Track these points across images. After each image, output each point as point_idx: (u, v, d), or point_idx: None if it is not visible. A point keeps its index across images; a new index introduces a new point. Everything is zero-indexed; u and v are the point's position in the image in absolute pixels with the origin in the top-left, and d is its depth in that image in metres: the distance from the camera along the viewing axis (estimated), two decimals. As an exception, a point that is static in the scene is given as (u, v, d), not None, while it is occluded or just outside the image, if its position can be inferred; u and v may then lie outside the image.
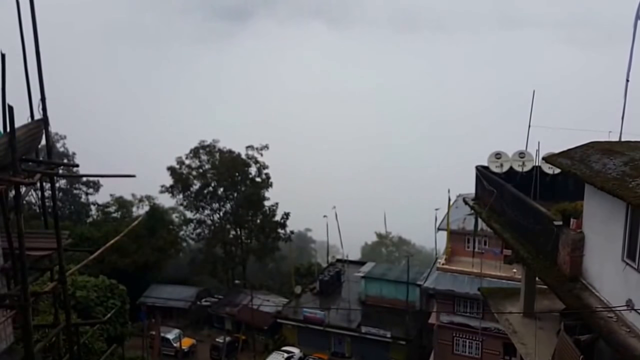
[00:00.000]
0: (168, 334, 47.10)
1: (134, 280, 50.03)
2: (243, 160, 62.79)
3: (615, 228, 11.01)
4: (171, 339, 45.85)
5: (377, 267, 53.10)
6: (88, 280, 28.59)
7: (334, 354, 46.61)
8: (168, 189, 62.11)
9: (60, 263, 9.13)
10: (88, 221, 66.15)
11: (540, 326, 16.59)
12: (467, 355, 38.24)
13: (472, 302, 37.21)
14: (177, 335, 47.47)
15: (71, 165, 15.00)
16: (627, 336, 10.51)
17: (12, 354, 8.28)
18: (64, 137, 64.56)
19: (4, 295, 8.05)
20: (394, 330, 43.63)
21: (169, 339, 46.08)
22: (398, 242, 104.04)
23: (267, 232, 63.52)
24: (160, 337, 46.87)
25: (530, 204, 14.90)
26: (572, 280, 12.72)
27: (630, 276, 10.65)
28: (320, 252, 71.90)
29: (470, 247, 38.86)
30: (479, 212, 18.90)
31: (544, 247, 13.92)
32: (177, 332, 48.52)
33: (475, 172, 18.95)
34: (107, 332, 27.44)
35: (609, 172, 10.73)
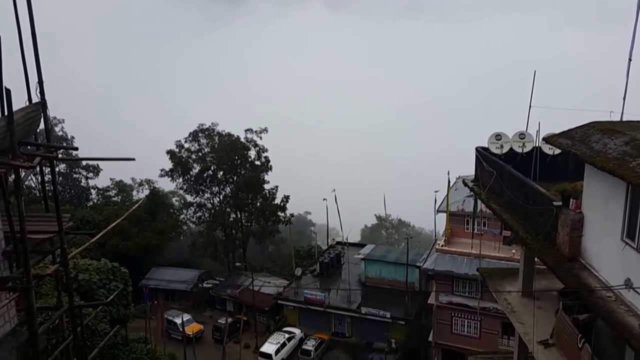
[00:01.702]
0: (176, 317, 46.87)
1: (136, 263, 50.41)
2: (242, 143, 62.71)
3: (615, 208, 11.03)
4: (178, 324, 45.47)
5: (377, 249, 53.37)
6: (90, 264, 28.76)
7: (334, 334, 47.08)
8: (168, 172, 62.13)
9: (61, 246, 9.16)
10: (89, 205, 66.35)
11: (538, 306, 16.72)
12: (466, 335, 38.59)
13: (470, 283, 37.45)
14: (185, 320, 46.93)
15: (70, 149, 14.98)
16: (625, 315, 10.58)
17: (16, 335, 8.36)
18: (62, 121, 64.48)
19: (6, 278, 8.09)
20: (394, 311, 44.04)
21: (176, 323, 45.85)
22: (397, 225, 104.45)
23: (267, 215, 63.69)
24: (168, 320, 47.25)
25: (529, 184, 14.90)
26: (571, 260, 12.78)
27: (630, 256, 10.69)
28: (320, 235, 72.16)
29: (470, 228, 38.97)
30: (478, 193, 18.92)
31: (543, 228, 13.96)
32: (186, 317, 48.25)
33: (475, 154, 18.93)
34: (110, 314, 27.69)
35: (609, 152, 10.71)
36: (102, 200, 68.27)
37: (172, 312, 48.37)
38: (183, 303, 56.18)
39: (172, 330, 45.78)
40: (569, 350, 14.43)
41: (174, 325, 45.93)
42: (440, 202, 41.38)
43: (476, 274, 30.36)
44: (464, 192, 37.07)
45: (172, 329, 46.15)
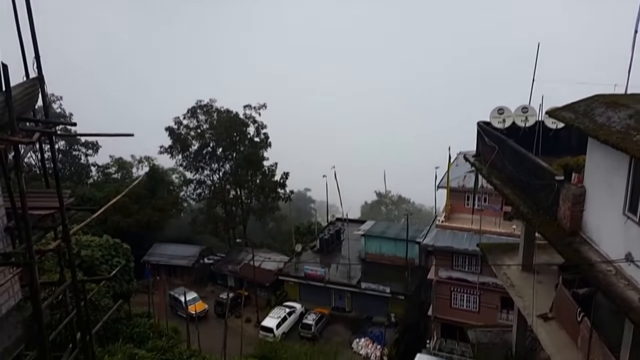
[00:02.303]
0: (182, 295, 46.03)
1: (137, 240, 50.64)
2: (241, 119, 62.47)
3: (617, 182, 10.98)
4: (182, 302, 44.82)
5: (377, 225, 53.58)
6: (92, 240, 28.90)
7: (334, 308, 47.58)
8: (167, 149, 62.03)
9: (63, 222, 9.14)
10: (89, 182, 66.40)
11: (538, 280, 16.79)
12: (465, 309, 38.98)
13: (470, 258, 37.68)
14: (191, 298, 46.78)
15: (69, 125, 14.95)
16: (625, 289, 10.61)
17: (21, 310, 8.41)
18: (60, 98, 64.06)
19: (9, 254, 8.10)
20: (393, 286, 44.42)
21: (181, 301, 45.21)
22: (397, 201, 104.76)
23: (267, 192, 63.80)
24: (174, 297, 47.45)
25: (531, 159, 14.83)
26: (572, 234, 12.78)
27: (631, 230, 10.68)
28: (320, 212, 72.42)
29: (470, 204, 39.03)
30: (479, 168, 18.86)
31: (544, 202, 13.95)
32: (192, 295, 48.23)
33: (476, 128, 18.82)
34: (113, 289, 27.92)
35: (613, 125, 10.61)
36: (102, 178, 68.33)
37: (178, 289, 48.37)
38: (185, 278, 56.64)
39: (178, 308, 45.96)
40: (568, 323, 14.56)
41: (180, 302, 45.85)
42: (440, 178, 41.40)
43: (476, 250, 30.51)
44: (465, 168, 37.07)
45: (178, 307, 46.25)
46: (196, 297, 48.31)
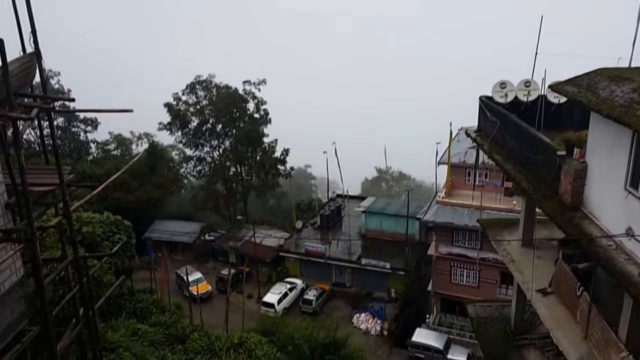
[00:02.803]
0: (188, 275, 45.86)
1: (138, 217, 50.78)
2: (240, 95, 62.04)
3: (619, 157, 10.94)
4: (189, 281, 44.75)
5: (377, 201, 53.67)
6: (93, 217, 28.91)
7: (335, 284, 47.96)
8: (166, 126, 61.79)
9: (63, 198, 9.12)
10: (88, 159, 66.29)
11: (538, 255, 16.86)
12: (465, 284, 39.29)
13: (470, 234, 37.83)
14: (196, 279, 46.77)
15: (67, 100, 14.89)
16: (625, 263, 10.66)
17: (23, 286, 8.45)
18: (58, 74, 63.53)
19: (10, 230, 8.09)
20: (394, 262, 44.69)
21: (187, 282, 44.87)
22: (398, 177, 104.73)
23: (267, 169, 63.75)
24: (180, 276, 47.41)
25: (533, 134, 14.75)
26: (573, 209, 12.79)
27: (632, 205, 10.68)
28: (321, 188, 72.35)
29: (471, 180, 39.04)
30: (480, 144, 18.78)
31: (545, 178, 13.92)
32: (197, 275, 48.14)
33: (478, 103, 18.68)
34: (115, 265, 28.03)
35: (616, 99, 10.52)
36: (102, 154, 68.19)
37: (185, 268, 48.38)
38: (186, 255, 57.00)
39: (184, 287, 45.62)
40: (568, 298, 14.66)
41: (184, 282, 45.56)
42: (441, 154, 41.31)
43: (476, 226, 30.57)
44: (466, 143, 36.97)
45: (184, 286, 45.90)
46: (201, 278, 48.13)
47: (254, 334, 28.20)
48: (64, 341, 9.15)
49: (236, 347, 26.21)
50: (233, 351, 25.81)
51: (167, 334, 27.15)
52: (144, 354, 23.41)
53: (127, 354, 22.71)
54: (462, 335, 38.86)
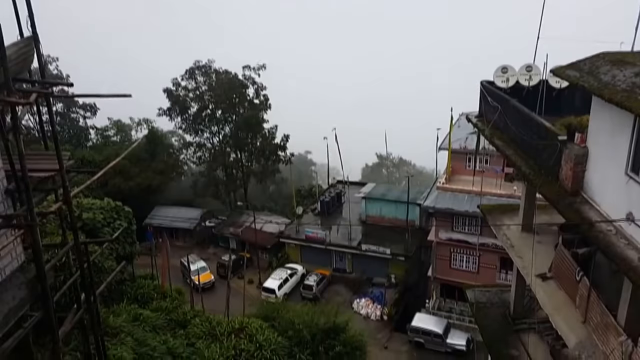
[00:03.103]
0: (192, 263, 45.83)
1: (139, 203, 50.80)
2: (240, 81, 61.75)
3: (620, 141, 10.90)
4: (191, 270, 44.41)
5: (378, 187, 53.67)
6: (93, 203, 28.92)
7: (335, 270, 48.15)
8: (165, 111, 61.60)
9: (63, 184, 9.10)
10: (88, 145, 66.18)
11: (538, 240, 16.89)
12: (464, 270, 39.44)
13: (470, 220, 37.90)
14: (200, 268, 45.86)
15: (66, 85, 14.93)
16: (625, 248, 10.67)
17: (24, 272, 8.46)
18: (56, 59, 63.17)
19: (10, 216, 8.08)
20: (394, 248, 44.83)
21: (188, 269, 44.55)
22: (398, 163, 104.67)
23: (267, 155, 63.65)
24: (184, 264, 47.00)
25: (534, 119, 14.69)
26: (573, 194, 12.78)
27: (633, 190, 10.66)
28: (321, 174, 72.39)
29: (471, 166, 39.01)
30: (481, 129, 18.71)
31: (546, 163, 13.89)
32: (201, 264, 47.72)
33: (479, 88, 18.57)
34: (116, 251, 28.10)
35: (618, 83, 10.44)
36: (101, 140, 68.06)
37: (190, 257, 47.73)
38: (187, 241, 57.15)
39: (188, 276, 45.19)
40: (567, 283, 14.71)
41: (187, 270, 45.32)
42: (442, 139, 41.24)
43: (476, 211, 30.62)
44: (467, 129, 36.89)
45: (187, 275, 45.54)
46: (204, 267, 47.74)
47: (254, 319, 28.37)
48: (66, 326, 9.19)
49: (237, 332, 26.38)
50: (234, 336, 25.99)
51: (169, 319, 27.31)
52: (145, 338, 23.59)
53: (129, 339, 22.88)
54: (461, 320, 39.11)
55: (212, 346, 25.35)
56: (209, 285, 46.11)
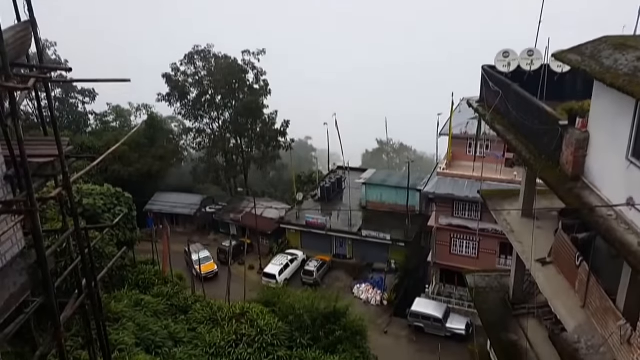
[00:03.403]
0: (195, 253, 45.05)
1: (139, 189, 50.78)
2: (240, 66, 61.40)
3: (621, 126, 10.85)
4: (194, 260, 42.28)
5: (378, 173, 53.66)
6: (94, 189, 28.95)
7: (336, 255, 48.32)
8: (165, 97, 61.32)
9: (63, 169, 9.08)
10: (87, 131, 66.03)
11: (538, 225, 16.93)
12: (464, 255, 39.54)
13: (470, 205, 37.92)
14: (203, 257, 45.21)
15: (64, 70, 14.74)
16: (625, 233, 10.68)
17: (24, 257, 8.47)
18: (54, 44, 62.74)
19: (10, 202, 8.07)
20: (394, 233, 44.94)
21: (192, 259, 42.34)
22: (399, 149, 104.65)
23: (268, 141, 63.51)
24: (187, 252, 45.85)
25: (536, 103, 14.63)
26: (574, 179, 12.77)
27: (633, 175, 10.65)
28: (321, 160, 72.35)
29: (472, 151, 38.93)
30: (482, 114, 18.66)
31: (547, 148, 13.86)
32: (204, 254, 47.26)
33: (481, 73, 18.48)
34: (117, 237, 28.19)
35: (620, 67, 10.37)
36: (101, 126, 67.87)
37: (194, 246, 46.93)
38: (187, 227, 57.28)
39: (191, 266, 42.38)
40: (566, 268, 14.77)
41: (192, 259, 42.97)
42: (443, 125, 41.13)
43: (476, 197, 30.66)
44: (468, 114, 36.70)
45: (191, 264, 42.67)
46: (208, 257, 47.21)
47: (255, 305, 28.53)
48: (67, 312, 9.23)
49: (238, 317, 26.55)
50: (235, 321, 26.16)
51: (170, 304, 27.47)
52: (147, 323, 23.76)
53: (131, 324, 23.05)
54: (461, 305, 39.33)
55: (214, 331, 25.54)
56: (212, 275, 45.65)
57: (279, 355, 24.92)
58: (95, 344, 10.42)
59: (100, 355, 10.88)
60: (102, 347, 10.51)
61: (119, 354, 20.31)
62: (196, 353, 23.70)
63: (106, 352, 10.35)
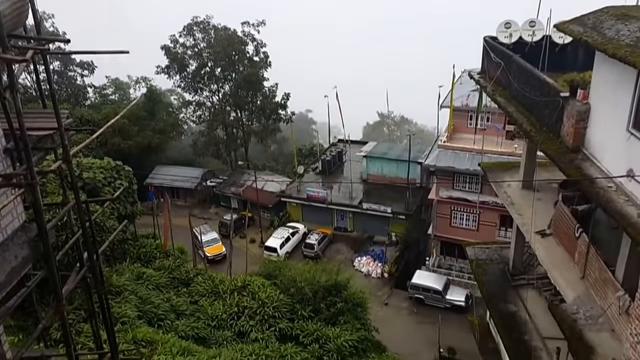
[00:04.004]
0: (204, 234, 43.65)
1: (139, 163, 50.88)
2: (239, 37, 60.67)
3: (622, 98, 10.78)
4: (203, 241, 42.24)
5: (379, 146, 53.55)
6: (94, 162, 29.01)
7: (336, 228, 48.56)
8: (164, 69, 60.75)
9: (62, 142, 9.04)
10: (86, 104, 65.71)
11: (538, 197, 16.98)
12: (464, 227, 39.72)
13: (471, 178, 37.93)
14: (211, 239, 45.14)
15: (62, 41, 14.66)
16: (625, 204, 10.71)
17: (25, 231, 8.50)
18: (52, 16, 62.00)
19: (10, 175, 8.05)
20: (395, 206, 45.07)
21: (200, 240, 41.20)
22: (400, 122, 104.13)
23: (268, 114, 63.17)
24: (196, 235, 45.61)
25: (537, 75, 14.51)
26: (574, 151, 12.75)
27: (634, 146, 10.62)
28: (322, 133, 72.17)
29: (473, 124, 38.77)
30: (483, 85, 18.53)
31: (548, 120, 13.80)
32: (212, 235, 46.16)
33: (482, 44, 18.29)
34: (118, 211, 28.35)
35: (622, 38, 10.25)
36: (100, 99, 67.51)
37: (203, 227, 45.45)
38: (188, 200, 57.44)
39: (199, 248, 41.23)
40: (566, 239, 14.85)
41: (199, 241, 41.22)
42: (444, 97, 40.86)
43: (477, 169, 30.65)
44: (469, 86, 36.46)
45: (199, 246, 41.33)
46: (216, 239, 46.12)
47: (257, 278, 28.83)
48: (69, 285, 9.29)
49: (240, 289, 26.87)
50: (237, 294, 26.48)
51: (172, 277, 27.77)
52: (149, 296, 24.08)
53: (133, 297, 23.35)
54: (460, 277, 39.70)
55: (216, 304, 25.88)
56: (219, 257, 44.49)
57: (280, 327, 25.29)
58: (97, 316, 10.53)
59: (103, 327, 11.01)
60: (104, 320, 10.61)
61: (121, 327, 20.64)
62: (198, 325, 24.06)
63: (108, 324, 10.45)
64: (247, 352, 22.44)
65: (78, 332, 19.37)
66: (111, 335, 10.41)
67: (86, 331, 18.96)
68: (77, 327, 19.69)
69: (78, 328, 19.71)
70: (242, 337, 24.42)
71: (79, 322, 20.24)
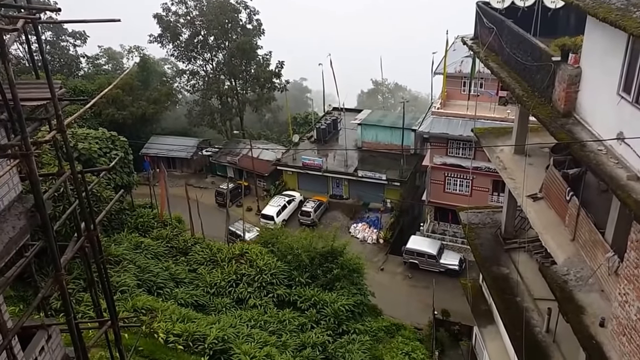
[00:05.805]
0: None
1: (134, 133, 50.70)
2: (232, 5, 59.68)
3: (613, 62, 10.84)
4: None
5: (373, 113, 53.41)
6: (88, 133, 28.97)
7: (332, 196, 48.82)
8: (157, 38, 59.88)
9: (56, 112, 9.07)
10: (79, 74, 65.02)
11: (529, 162, 17.15)
12: (458, 193, 40.04)
13: (464, 144, 38.06)
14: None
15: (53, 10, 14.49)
16: (614, 167, 10.89)
17: (22, 201, 8.59)
18: (41, -16, 60.68)
19: (4, 146, 8.11)
20: (389, 173, 45.28)
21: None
22: (394, 89, 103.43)
23: (262, 82, 62.55)
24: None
25: (529, 40, 14.50)
26: (566, 116, 12.86)
27: (624, 109, 10.74)
28: (317, 102, 71.77)
29: (466, 90, 38.69)
30: (476, 51, 18.49)
31: (540, 85, 13.86)
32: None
33: (475, 9, 18.18)
34: (114, 181, 28.45)
35: (613, 2, 10.24)
36: (93, 69, 66.78)
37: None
38: (184, 170, 57.49)
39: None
40: (557, 202, 15.08)
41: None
42: (437, 64, 40.62)
43: (470, 135, 30.72)
44: (462, 52, 36.23)
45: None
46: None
47: (254, 245, 29.16)
48: (67, 254, 9.45)
49: (238, 257, 27.20)
50: (235, 262, 26.82)
51: (170, 246, 28.05)
52: (148, 265, 24.38)
53: (132, 266, 23.64)
54: (454, 242, 40.20)
55: (214, 271, 26.24)
56: None
57: (278, 294, 25.73)
58: (97, 285, 10.73)
59: (102, 296, 11.23)
60: (103, 289, 10.80)
61: (121, 295, 20.98)
62: (197, 293, 24.45)
63: (108, 293, 10.66)
64: (246, 318, 22.94)
65: (78, 301, 19.68)
66: (111, 303, 10.61)
67: (86, 300, 19.27)
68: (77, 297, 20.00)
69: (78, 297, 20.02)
70: (240, 304, 24.88)
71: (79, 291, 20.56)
